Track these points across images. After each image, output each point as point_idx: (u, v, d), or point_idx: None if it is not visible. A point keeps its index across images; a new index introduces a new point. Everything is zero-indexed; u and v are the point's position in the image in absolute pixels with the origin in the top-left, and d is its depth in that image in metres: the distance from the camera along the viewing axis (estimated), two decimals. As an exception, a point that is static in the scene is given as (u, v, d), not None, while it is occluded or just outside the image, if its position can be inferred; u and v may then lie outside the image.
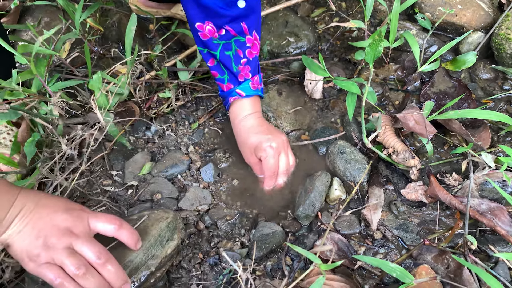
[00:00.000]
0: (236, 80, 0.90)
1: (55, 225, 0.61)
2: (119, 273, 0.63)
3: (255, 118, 0.92)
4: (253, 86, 0.91)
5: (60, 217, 0.63)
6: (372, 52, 0.82)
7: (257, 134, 0.90)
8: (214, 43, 0.86)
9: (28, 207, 0.62)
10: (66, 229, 0.62)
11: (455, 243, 0.81)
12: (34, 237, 0.60)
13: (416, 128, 0.90)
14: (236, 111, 0.93)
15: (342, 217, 0.87)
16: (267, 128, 0.92)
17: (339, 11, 1.27)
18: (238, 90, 0.90)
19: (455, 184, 0.87)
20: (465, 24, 1.12)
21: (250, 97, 0.92)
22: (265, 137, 0.89)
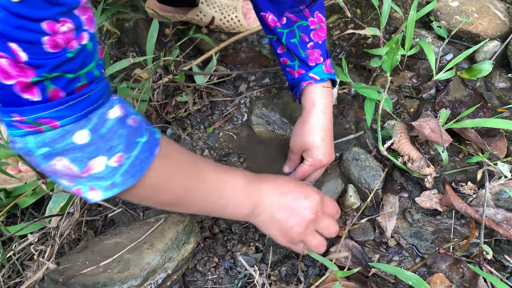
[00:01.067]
0: (307, 65, 0.86)
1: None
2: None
3: (329, 118, 0.86)
4: (326, 70, 0.86)
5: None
6: (390, 60, 0.82)
7: (322, 142, 0.85)
8: (279, 32, 0.85)
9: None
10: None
11: (470, 253, 0.81)
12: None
13: (431, 137, 0.90)
14: (313, 97, 0.86)
15: (356, 224, 0.88)
16: (331, 140, 0.87)
17: (354, 18, 1.27)
18: (311, 74, 0.85)
19: (470, 193, 0.87)
20: (481, 33, 1.12)
21: (324, 83, 0.86)
22: (324, 149, 0.85)
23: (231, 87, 1.16)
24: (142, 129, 0.54)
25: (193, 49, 1.28)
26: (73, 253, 0.75)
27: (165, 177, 0.58)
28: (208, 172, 0.64)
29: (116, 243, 0.75)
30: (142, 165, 0.53)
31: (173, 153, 0.61)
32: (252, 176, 0.69)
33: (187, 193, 0.62)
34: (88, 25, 0.46)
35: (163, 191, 0.59)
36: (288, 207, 0.69)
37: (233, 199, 0.66)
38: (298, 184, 0.73)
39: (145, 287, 0.70)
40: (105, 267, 0.70)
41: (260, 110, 1.07)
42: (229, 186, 0.66)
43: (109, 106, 0.51)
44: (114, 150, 0.50)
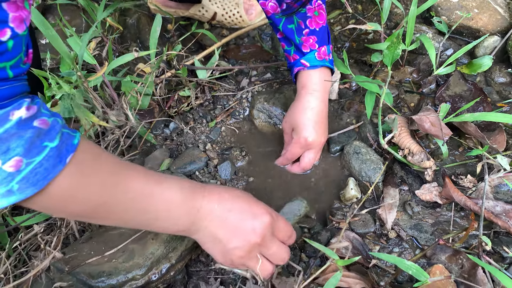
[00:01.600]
0: (301, 51, 0.89)
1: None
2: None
3: (320, 100, 0.89)
4: (319, 56, 0.89)
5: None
6: (391, 55, 0.83)
7: (308, 121, 0.88)
8: (277, 18, 0.88)
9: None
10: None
11: (469, 244, 0.82)
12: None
13: (431, 130, 0.91)
14: (304, 81, 0.90)
15: (357, 216, 0.89)
16: (319, 121, 0.90)
17: (355, 14, 1.28)
18: (303, 60, 0.89)
19: (470, 186, 0.88)
20: (481, 28, 1.13)
21: (316, 69, 0.89)
22: (310, 128, 0.88)
23: (233, 82, 1.17)
24: (53, 132, 0.49)
25: (195, 44, 1.29)
26: (78, 243, 0.76)
27: (76, 186, 0.51)
28: (134, 182, 0.56)
29: (120, 234, 0.76)
30: (46, 174, 0.47)
31: (92, 160, 0.54)
32: (192, 188, 0.62)
33: (103, 204, 0.55)
34: (16, 23, 0.43)
35: (72, 203, 0.53)
36: (230, 227, 0.62)
37: (166, 214, 0.59)
38: (248, 201, 0.65)
39: (149, 276, 0.71)
40: (110, 257, 0.71)
41: (261, 105, 1.08)
42: (161, 199, 0.58)
43: (16, 107, 0.45)
44: (11, 153, 0.45)
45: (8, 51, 0.43)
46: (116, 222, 0.61)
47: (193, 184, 0.63)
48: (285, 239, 0.69)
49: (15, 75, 0.46)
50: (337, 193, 0.94)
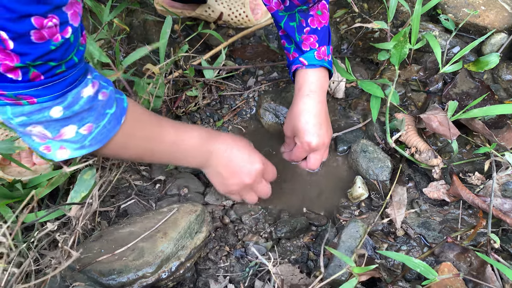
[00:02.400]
0: (300, 49, 0.89)
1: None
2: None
3: (317, 101, 0.88)
4: (318, 56, 0.88)
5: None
6: (398, 54, 0.83)
7: (309, 125, 0.87)
8: (280, 15, 0.88)
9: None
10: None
11: (478, 242, 0.82)
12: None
13: (439, 130, 0.91)
14: (301, 81, 0.89)
15: (364, 214, 0.89)
16: (319, 123, 0.88)
17: (361, 13, 1.28)
18: (301, 58, 0.88)
19: (478, 184, 0.88)
20: (488, 25, 1.12)
21: (314, 68, 0.88)
22: (311, 132, 0.87)
23: (239, 82, 1.18)
24: (111, 100, 0.63)
25: (202, 45, 1.29)
26: (88, 241, 0.77)
27: (127, 140, 0.68)
28: (167, 133, 0.74)
29: (130, 232, 0.76)
30: (109, 133, 0.63)
31: (137, 119, 0.69)
32: (208, 134, 0.79)
33: (147, 151, 0.73)
34: (73, 19, 0.51)
35: (126, 151, 0.70)
36: (231, 168, 0.81)
37: (189, 153, 0.78)
38: (248, 149, 0.83)
39: (159, 274, 0.71)
40: (120, 255, 0.72)
41: (268, 104, 1.08)
42: (185, 143, 0.76)
43: (83, 86, 0.58)
44: (85, 121, 0.59)
45: (72, 44, 0.53)
46: (157, 161, 0.84)
47: (209, 133, 0.80)
48: (270, 179, 0.90)
49: (79, 59, 0.56)
50: (344, 191, 0.95)
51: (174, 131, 0.75)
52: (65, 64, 0.53)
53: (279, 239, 0.87)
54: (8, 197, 0.82)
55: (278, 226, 0.87)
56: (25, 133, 0.58)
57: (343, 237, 0.79)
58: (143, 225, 0.78)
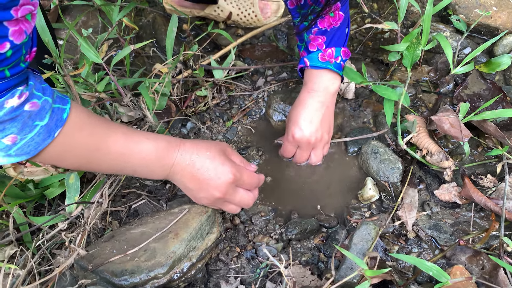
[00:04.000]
0: (307, 49, 0.89)
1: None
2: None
3: (317, 100, 0.89)
4: (322, 58, 0.87)
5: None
6: (410, 56, 0.83)
7: (299, 117, 0.89)
8: (296, 13, 0.89)
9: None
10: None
11: (490, 245, 0.82)
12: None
13: (451, 131, 0.90)
14: (305, 79, 0.91)
15: (375, 215, 0.89)
16: (316, 118, 0.89)
17: (371, 13, 1.28)
18: (306, 59, 0.89)
19: (490, 186, 0.88)
20: (500, 26, 1.12)
21: (319, 70, 0.88)
22: (301, 124, 0.89)
23: (249, 82, 1.18)
24: (44, 112, 0.59)
25: (210, 44, 1.29)
26: (100, 242, 0.77)
27: (64, 152, 0.64)
28: (115, 145, 0.67)
29: (142, 233, 0.77)
30: (37, 146, 0.59)
31: (79, 128, 0.64)
32: (168, 145, 0.71)
33: (88, 164, 0.68)
34: (15, 36, 0.50)
35: (63, 162, 0.67)
36: (197, 182, 0.73)
37: (143, 169, 0.71)
38: (218, 159, 0.73)
39: (171, 275, 0.72)
40: (132, 256, 0.72)
41: (278, 104, 1.08)
42: (138, 158, 0.69)
43: (9, 97, 0.55)
44: (7, 132, 0.56)
45: (7, 58, 0.51)
46: (107, 172, 0.79)
47: (169, 143, 0.72)
48: (250, 189, 0.80)
49: (12, 74, 0.54)
50: (354, 192, 0.94)
51: (123, 141, 0.68)
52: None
53: (290, 240, 0.87)
54: (20, 197, 0.82)
55: (288, 227, 0.87)
56: None
57: (355, 239, 0.78)
58: (155, 226, 0.78)
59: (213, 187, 0.73)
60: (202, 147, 0.74)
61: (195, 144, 0.74)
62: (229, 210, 0.80)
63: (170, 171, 0.72)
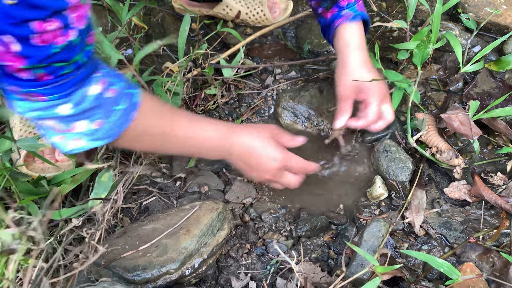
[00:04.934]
0: (338, 5, 0.87)
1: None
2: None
3: (365, 51, 0.89)
4: (359, 8, 0.87)
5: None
6: (420, 54, 0.83)
7: (369, 72, 0.87)
8: None
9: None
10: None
11: (500, 242, 0.81)
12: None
13: (461, 129, 0.90)
14: (347, 37, 0.88)
15: (384, 213, 0.89)
16: (377, 71, 0.89)
17: (379, 11, 1.28)
18: (345, 11, 0.86)
19: (500, 184, 0.88)
20: (510, 25, 1.11)
21: (358, 22, 0.87)
22: (377, 83, 0.86)
23: (257, 80, 1.18)
24: (120, 97, 0.64)
25: (219, 43, 1.30)
26: (113, 238, 0.78)
27: (139, 135, 0.70)
28: (180, 128, 0.74)
29: (153, 229, 0.77)
30: (118, 128, 0.64)
31: (150, 113, 0.70)
32: (226, 128, 0.79)
33: (161, 145, 0.74)
34: (77, 22, 0.52)
35: (138, 144, 0.73)
36: (250, 163, 0.81)
37: (206, 148, 0.78)
38: (270, 144, 0.80)
39: (182, 270, 0.72)
40: (144, 251, 0.73)
41: (287, 103, 1.09)
42: (200, 138, 0.76)
43: (90, 84, 0.59)
44: (95, 117, 0.61)
45: (77, 45, 0.54)
46: (174, 153, 0.92)
47: (227, 127, 0.80)
48: (299, 173, 0.85)
49: (86, 59, 0.57)
50: (363, 190, 0.95)
51: (188, 125, 0.75)
52: (71, 65, 0.55)
53: (299, 237, 0.87)
54: (33, 193, 0.83)
55: (298, 224, 0.87)
56: (41, 125, 0.61)
57: (365, 236, 0.79)
58: (166, 222, 0.78)
59: (263, 170, 0.81)
60: (255, 132, 0.81)
61: (249, 129, 0.81)
62: (274, 186, 0.87)
63: (228, 152, 0.79)
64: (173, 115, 0.74)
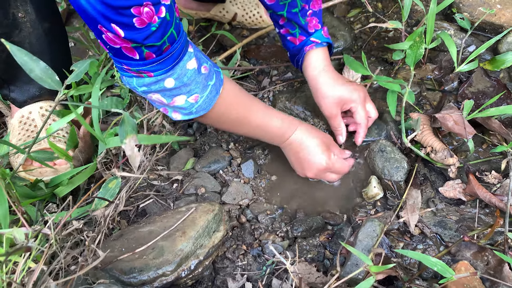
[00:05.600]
0: (307, 32, 0.93)
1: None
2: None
3: (333, 71, 0.95)
4: (325, 34, 0.94)
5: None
6: (413, 55, 0.83)
7: (343, 85, 0.93)
8: (281, 5, 0.91)
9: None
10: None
11: (495, 241, 0.82)
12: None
13: (455, 129, 0.91)
14: (314, 62, 0.94)
15: (380, 213, 0.90)
16: (348, 81, 0.96)
17: (375, 12, 1.28)
18: (313, 38, 0.93)
19: (495, 183, 0.88)
20: (504, 24, 1.12)
21: (324, 47, 0.94)
22: (352, 88, 0.94)
23: (254, 82, 1.19)
24: (211, 73, 0.74)
25: (216, 45, 1.31)
26: (109, 240, 0.79)
27: (222, 112, 0.79)
28: (255, 117, 0.85)
29: (150, 231, 0.78)
30: (211, 102, 0.75)
31: (231, 93, 0.80)
32: (289, 123, 0.89)
33: (236, 127, 0.87)
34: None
35: (225, 119, 0.82)
36: (298, 160, 0.91)
37: (270, 136, 0.89)
38: (321, 147, 0.90)
39: (178, 272, 0.73)
40: (141, 254, 0.74)
41: (283, 104, 1.09)
42: (268, 128, 0.87)
43: (188, 59, 0.68)
44: (192, 92, 0.71)
45: (168, 21, 0.61)
46: (245, 135, 1.01)
47: (291, 122, 0.89)
48: (339, 174, 0.96)
49: (179, 32, 0.65)
50: (359, 190, 0.95)
51: (261, 115, 0.85)
52: (167, 39, 0.62)
53: (295, 238, 0.88)
54: (31, 196, 0.84)
55: (294, 225, 0.88)
56: (148, 98, 0.72)
57: (360, 236, 0.79)
58: (162, 224, 0.79)
59: (308, 168, 0.91)
60: (312, 133, 0.90)
61: (309, 129, 0.91)
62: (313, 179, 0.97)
63: (285, 142, 0.90)
64: (251, 102, 0.85)
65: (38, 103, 1.00)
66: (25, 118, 0.99)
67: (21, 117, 1.00)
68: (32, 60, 0.63)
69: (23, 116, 1.00)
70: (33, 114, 1.00)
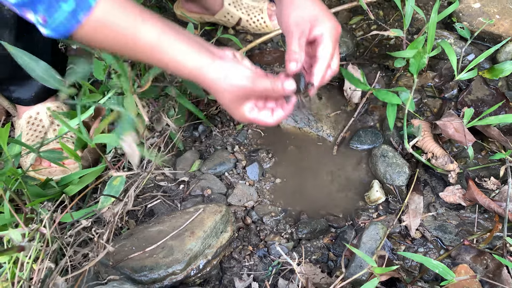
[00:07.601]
0: None
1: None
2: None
3: None
4: None
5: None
6: (417, 63, 0.86)
7: (321, 9, 0.72)
8: None
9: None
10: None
11: (493, 245, 0.85)
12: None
13: (455, 136, 0.94)
14: None
15: (382, 216, 0.92)
16: (326, 8, 0.74)
17: (376, 20, 1.31)
18: None
19: (493, 188, 0.91)
20: (503, 34, 1.15)
21: None
22: (327, 16, 0.72)
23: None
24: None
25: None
26: (120, 239, 0.80)
27: (96, 39, 0.62)
28: (146, 39, 0.63)
29: (159, 231, 0.80)
30: (66, 28, 0.59)
31: (110, 20, 0.61)
32: (200, 59, 0.66)
33: (120, 52, 0.66)
34: None
35: (95, 45, 0.64)
36: (224, 104, 0.72)
37: (175, 70, 0.67)
38: (239, 93, 0.69)
39: (188, 271, 0.75)
40: (151, 253, 0.75)
41: (287, 108, 1.11)
42: (171, 60, 0.65)
43: None
44: (37, 10, 0.57)
45: None
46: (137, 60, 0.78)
47: (201, 55, 0.66)
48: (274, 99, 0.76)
49: None
50: (361, 194, 0.98)
51: (157, 37, 0.63)
52: None
53: (300, 239, 0.90)
54: (41, 195, 0.85)
55: (299, 227, 0.90)
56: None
57: (364, 238, 0.82)
58: (171, 224, 0.81)
59: (237, 112, 0.72)
60: (235, 68, 0.68)
61: (227, 64, 0.68)
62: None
63: (202, 83, 0.69)
64: (141, 23, 0.62)
65: (45, 104, 1.01)
66: (33, 119, 1.01)
67: (29, 117, 1.01)
68: (32, 60, 0.63)
69: (31, 116, 1.01)
70: (41, 115, 1.01)
